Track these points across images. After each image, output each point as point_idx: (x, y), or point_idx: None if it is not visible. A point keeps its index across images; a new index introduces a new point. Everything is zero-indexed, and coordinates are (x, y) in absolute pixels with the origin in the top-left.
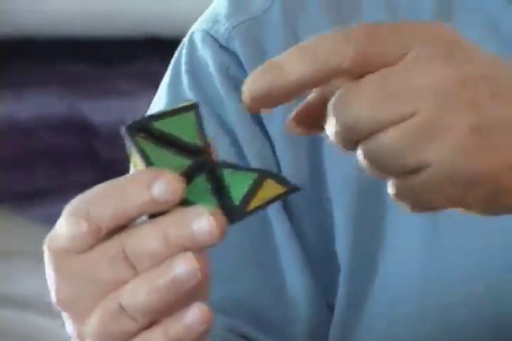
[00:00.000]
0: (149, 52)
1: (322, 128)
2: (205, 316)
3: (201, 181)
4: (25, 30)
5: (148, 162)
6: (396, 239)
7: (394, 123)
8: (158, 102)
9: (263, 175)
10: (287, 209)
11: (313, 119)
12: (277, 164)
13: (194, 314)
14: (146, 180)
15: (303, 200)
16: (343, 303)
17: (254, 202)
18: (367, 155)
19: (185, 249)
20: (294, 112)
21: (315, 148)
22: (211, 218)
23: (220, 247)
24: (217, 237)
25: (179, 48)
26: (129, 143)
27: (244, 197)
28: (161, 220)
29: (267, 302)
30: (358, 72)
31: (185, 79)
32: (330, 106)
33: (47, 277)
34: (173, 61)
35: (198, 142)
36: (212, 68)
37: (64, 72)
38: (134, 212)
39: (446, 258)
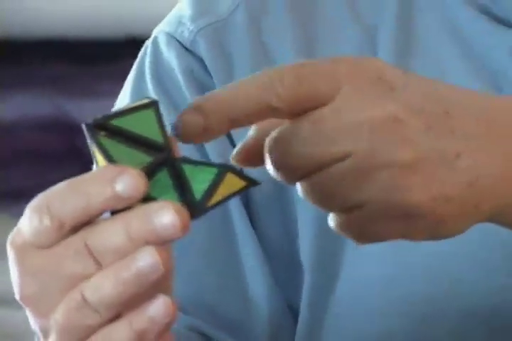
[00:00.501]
0: (131, 52)
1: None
2: (168, 308)
3: (163, 177)
4: (9, 31)
5: (110, 159)
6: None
7: (330, 164)
8: (124, 97)
9: (223, 169)
10: (251, 210)
11: (254, 156)
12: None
13: (158, 306)
14: (109, 177)
15: (267, 201)
16: (308, 303)
17: (216, 197)
18: (306, 192)
19: (148, 244)
20: (234, 151)
21: None
22: (173, 212)
23: (181, 246)
24: (180, 231)
25: (143, 49)
26: (90, 141)
27: (205, 192)
28: (124, 215)
29: (227, 302)
30: (290, 111)
31: (149, 82)
32: (266, 147)
33: (11, 273)
34: (136, 63)
35: (159, 138)
36: (177, 71)
37: (48, 73)
38: (96, 209)
39: (408, 258)
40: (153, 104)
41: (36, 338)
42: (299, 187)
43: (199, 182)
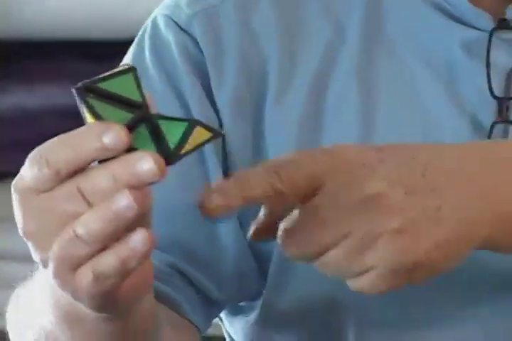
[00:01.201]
0: None
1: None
2: (146, 238)
3: (142, 130)
4: (40, 32)
5: (98, 117)
6: None
7: (334, 244)
8: None
9: (193, 123)
10: (230, 172)
11: (269, 230)
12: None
13: (138, 237)
14: (98, 131)
15: (244, 165)
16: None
17: (187, 146)
18: (322, 268)
19: (131, 186)
20: (251, 231)
21: (258, 120)
22: (152, 160)
23: (159, 189)
24: (157, 175)
25: (142, 29)
26: (80, 102)
27: (178, 142)
28: (111, 163)
29: (199, 241)
30: (292, 195)
31: (148, 56)
32: (279, 237)
33: (15, 213)
34: (137, 38)
35: (137, 98)
36: (173, 46)
37: (73, 69)
38: (87, 158)
39: None
40: (131, 70)
41: (36, 267)
42: (315, 263)
43: (173, 134)
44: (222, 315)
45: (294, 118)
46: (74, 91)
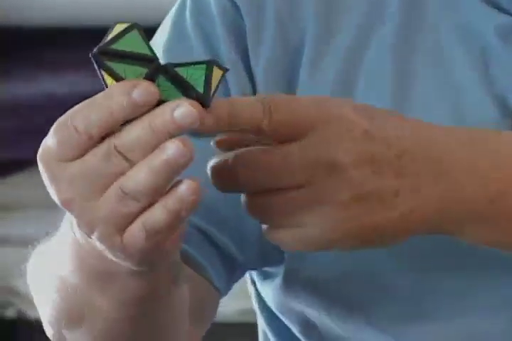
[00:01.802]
0: None
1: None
2: (193, 188)
3: (162, 82)
4: (64, 21)
5: (118, 77)
6: None
7: (285, 189)
8: (161, 37)
9: (211, 64)
10: None
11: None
12: None
13: (185, 187)
14: (125, 89)
15: None
16: None
17: (212, 86)
18: (252, 205)
19: (171, 135)
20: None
21: (292, 89)
22: (188, 104)
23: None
24: (197, 119)
25: None
26: (99, 67)
27: (205, 84)
28: (145, 115)
29: (223, 203)
30: (269, 135)
31: (188, 18)
32: (236, 158)
33: (47, 186)
34: (178, 2)
35: (147, 51)
36: (214, 12)
37: None
38: (119, 117)
39: None
40: (135, 26)
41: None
42: (244, 199)
43: (195, 78)
44: (255, 277)
45: (326, 89)
46: (92, 57)
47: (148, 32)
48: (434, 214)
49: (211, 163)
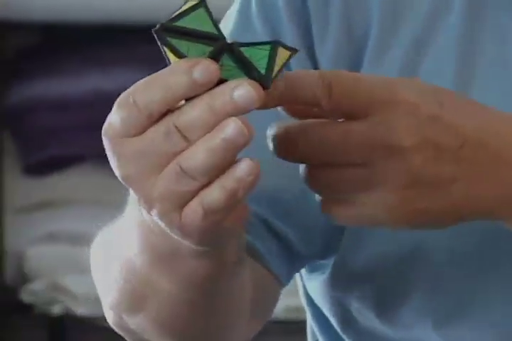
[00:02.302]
0: None
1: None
2: (252, 168)
3: (226, 61)
4: (115, 18)
5: (180, 54)
6: None
7: (344, 166)
8: (225, 27)
9: (276, 45)
10: None
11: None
12: None
13: (243, 167)
14: (185, 67)
15: None
16: None
17: (276, 68)
18: (312, 177)
19: (230, 115)
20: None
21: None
22: (248, 85)
23: (252, 149)
24: (257, 100)
25: None
26: (161, 43)
27: (267, 65)
28: (205, 94)
29: (288, 194)
30: (329, 110)
31: (254, 8)
32: (301, 132)
33: (110, 161)
34: None
35: (213, 30)
36: (280, 1)
37: (143, 54)
38: (179, 95)
39: None
40: (201, 4)
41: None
42: (303, 169)
43: (259, 59)
44: (302, 270)
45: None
46: (154, 34)
47: None
48: (487, 203)
49: (272, 130)
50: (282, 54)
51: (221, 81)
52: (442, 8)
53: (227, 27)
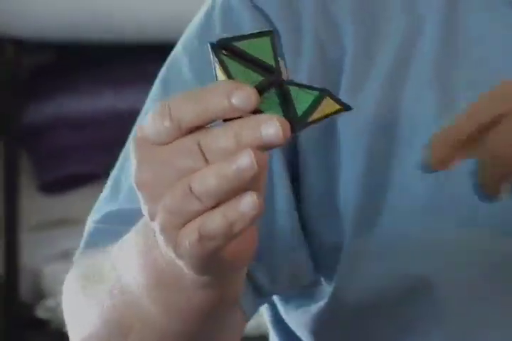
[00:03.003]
0: None
1: None
2: (256, 203)
3: (271, 95)
4: (126, 38)
5: (229, 75)
6: (403, 175)
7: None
8: (185, 50)
9: (323, 93)
10: (297, 154)
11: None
12: None
13: (247, 200)
14: (227, 89)
15: (313, 145)
16: (352, 233)
17: (314, 116)
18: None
19: (252, 148)
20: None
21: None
22: (278, 124)
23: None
24: (281, 140)
25: (210, 1)
26: (213, 59)
27: (306, 109)
28: (235, 122)
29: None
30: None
31: (218, 29)
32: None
33: (132, 163)
34: (205, 11)
35: (271, 62)
36: (248, 24)
37: (154, 73)
38: (212, 115)
39: (450, 190)
40: (270, 33)
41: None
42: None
43: (301, 102)
44: (277, 302)
45: (368, 110)
46: (209, 47)
47: None
48: None
49: None
50: (328, 105)
51: (257, 111)
52: (415, 34)
53: (188, 50)
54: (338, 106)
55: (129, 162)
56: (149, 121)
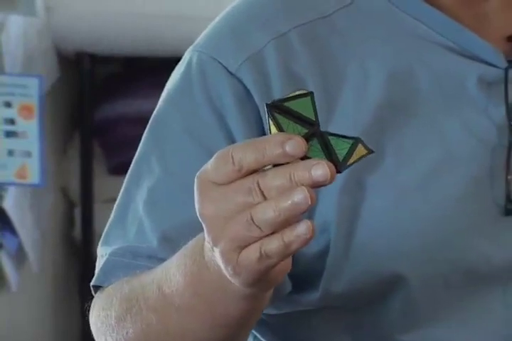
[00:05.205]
0: None
1: None
2: (310, 229)
3: (314, 143)
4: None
5: (280, 128)
6: (375, 198)
7: None
8: (169, 113)
9: (357, 141)
10: None
11: None
12: None
13: (303, 226)
14: (281, 139)
15: None
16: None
17: (351, 159)
18: None
19: (304, 185)
20: None
21: None
22: (325, 165)
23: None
24: (328, 179)
25: (184, 65)
26: (268, 116)
27: (346, 154)
28: (289, 165)
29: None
30: None
31: (198, 94)
32: None
33: (195, 199)
34: (182, 75)
35: (312, 117)
36: (227, 92)
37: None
38: (269, 160)
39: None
40: (310, 94)
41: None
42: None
43: (340, 148)
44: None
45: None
46: (265, 106)
47: None
48: None
49: None
50: (360, 150)
51: (304, 157)
52: (364, 81)
53: (171, 114)
54: (366, 151)
55: (135, 190)
56: (212, 165)
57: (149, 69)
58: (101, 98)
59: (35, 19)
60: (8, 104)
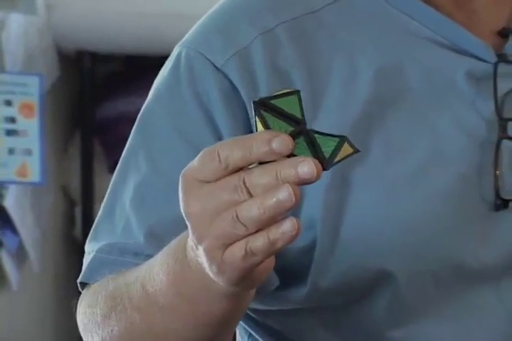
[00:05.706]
0: None
1: None
2: (295, 226)
3: (301, 141)
4: (142, 49)
5: (267, 126)
6: (361, 192)
7: None
8: (155, 110)
9: (343, 139)
10: None
11: None
12: None
13: (289, 224)
14: (268, 137)
15: None
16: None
17: (337, 157)
18: None
19: (290, 182)
20: None
21: None
22: (312, 162)
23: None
24: (314, 176)
25: (173, 60)
26: (255, 113)
27: (332, 152)
28: (276, 163)
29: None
30: None
31: (185, 90)
32: None
33: (179, 197)
34: (170, 71)
35: (299, 115)
36: (214, 88)
37: None
38: (255, 158)
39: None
40: (297, 92)
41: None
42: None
43: (326, 146)
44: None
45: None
46: (252, 104)
47: None
48: None
49: None
50: (346, 148)
51: (290, 155)
52: (352, 77)
53: (160, 100)
54: (352, 150)
55: (122, 187)
56: (198, 162)
57: (150, 68)
58: (101, 96)
59: (35, 17)
60: (8, 103)
